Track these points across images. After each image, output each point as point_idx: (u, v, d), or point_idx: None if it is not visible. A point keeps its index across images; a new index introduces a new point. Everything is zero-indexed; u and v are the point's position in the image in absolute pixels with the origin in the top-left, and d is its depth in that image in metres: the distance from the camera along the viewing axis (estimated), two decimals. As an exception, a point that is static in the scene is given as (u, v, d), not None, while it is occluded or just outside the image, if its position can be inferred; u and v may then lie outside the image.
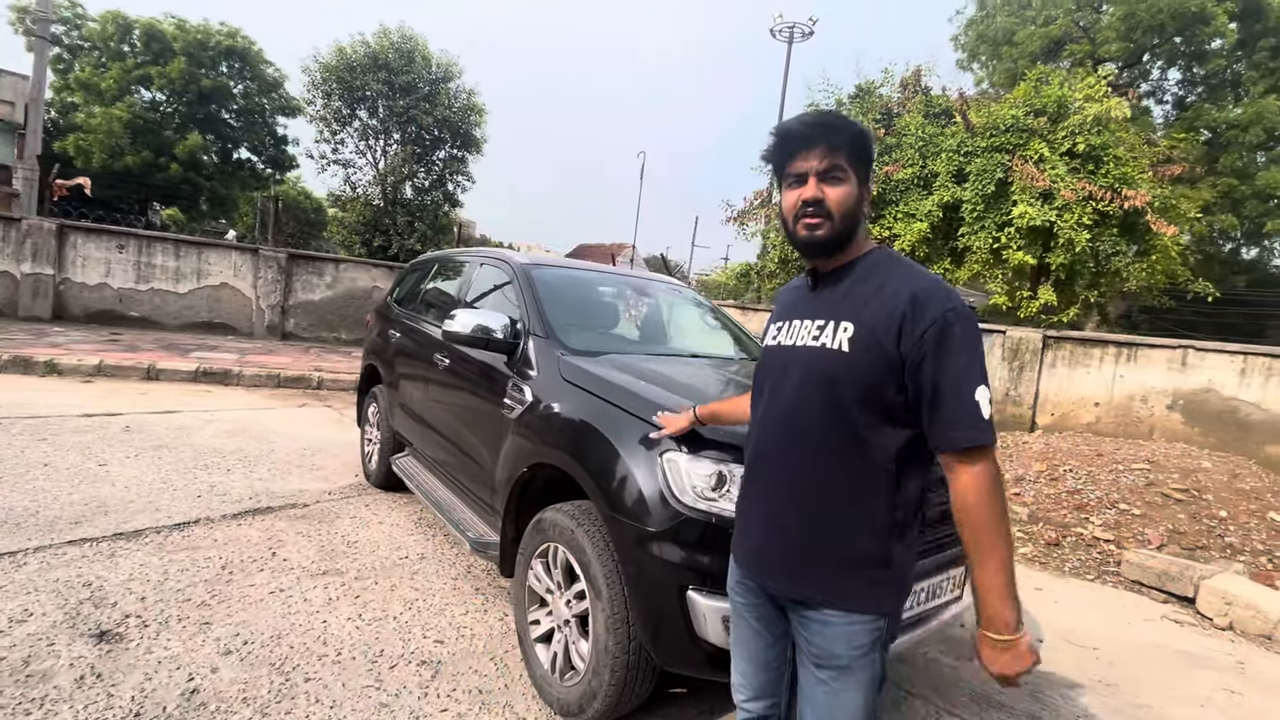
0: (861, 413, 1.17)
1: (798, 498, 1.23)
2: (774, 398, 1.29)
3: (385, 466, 4.17)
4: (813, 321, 1.24)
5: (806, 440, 1.22)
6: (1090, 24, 16.59)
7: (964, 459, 1.12)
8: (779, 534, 1.26)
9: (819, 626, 1.23)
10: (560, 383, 2.41)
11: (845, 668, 1.21)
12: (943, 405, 1.12)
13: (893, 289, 1.17)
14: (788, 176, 1.25)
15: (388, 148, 20.41)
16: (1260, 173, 14.20)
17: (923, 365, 1.12)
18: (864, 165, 1.24)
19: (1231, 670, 3.08)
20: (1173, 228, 6.60)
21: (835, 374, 1.18)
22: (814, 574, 1.23)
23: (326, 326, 11.24)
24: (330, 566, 3.12)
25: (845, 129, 1.21)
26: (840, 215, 1.21)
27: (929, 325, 1.12)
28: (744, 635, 1.41)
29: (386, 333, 4.33)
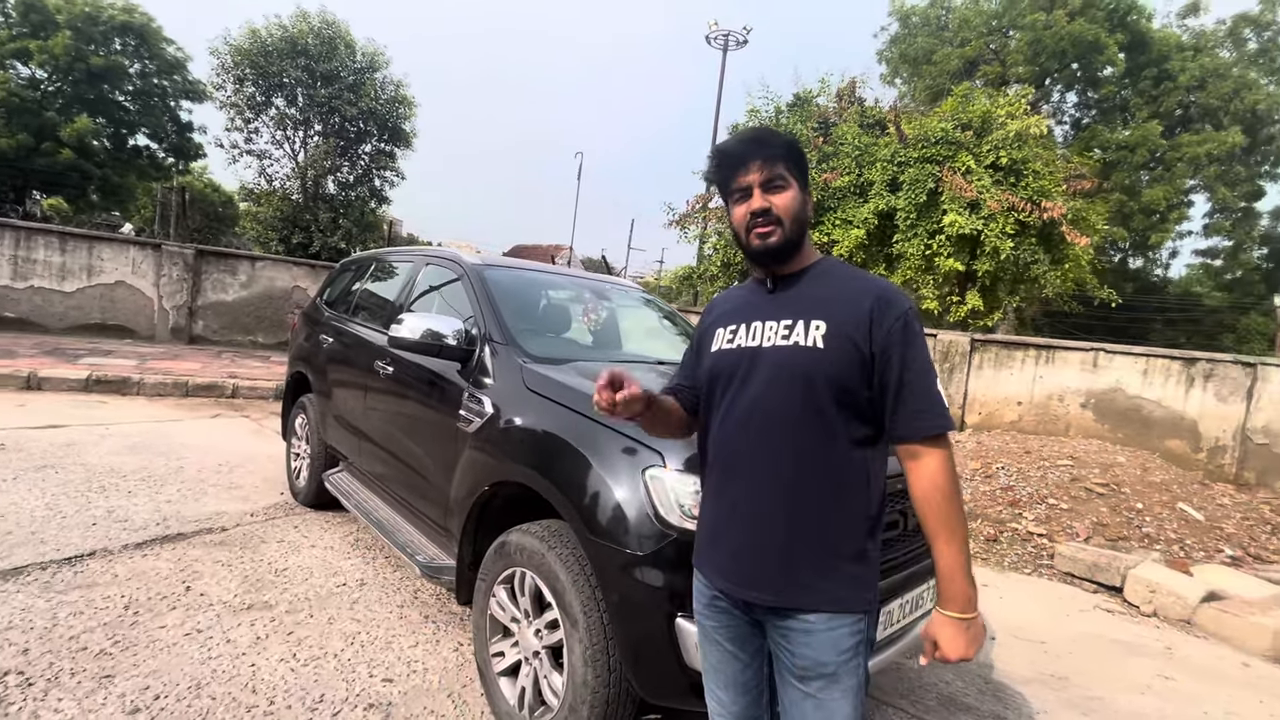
0: (836, 408, 1.19)
1: (780, 499, 1.21)
2: (738, 401, 1.27)
3: (316, 483, 3.82)
4: (778, 322, 1.25)
5: (783, 439, 1.21)
6: (1000, 47, 17.78)
7: (931, 445, 1.17)
8: (760, 538, 1.23)
9: (802, 636, 1.20)
10: (525, 393, 2.24)
11: (833, 675, 1.19)
12: (911, 396, 1.18)
13: (856, 289, 1.23)
14: (733, 193, 1.29)
15: (308, 139, 19.25)
16: (1145, 190, 15.65)
17: (891, 359, 1.17)
18: (801, 172, 1.29)
19: (1162, 656, 3.26)
20: (1085, 238, 7.11)
21: (811, 370, 1.19)
22: (800, 576, 1.20)
23: (241, 329, 10.40)
24: (256, 600, 2.79)
25: (777, 140, 1.27)
26: (789, 220, 1.25)
27: (894, 322, 1.18)
28: (718, 660, 1.35)
29: (317, 337, 3.98)
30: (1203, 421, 6.44)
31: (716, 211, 10.44)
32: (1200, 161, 15.62)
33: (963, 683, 2.76)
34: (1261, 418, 6.16)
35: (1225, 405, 6.32)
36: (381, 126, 20.43)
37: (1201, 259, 20.97)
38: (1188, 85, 16.09)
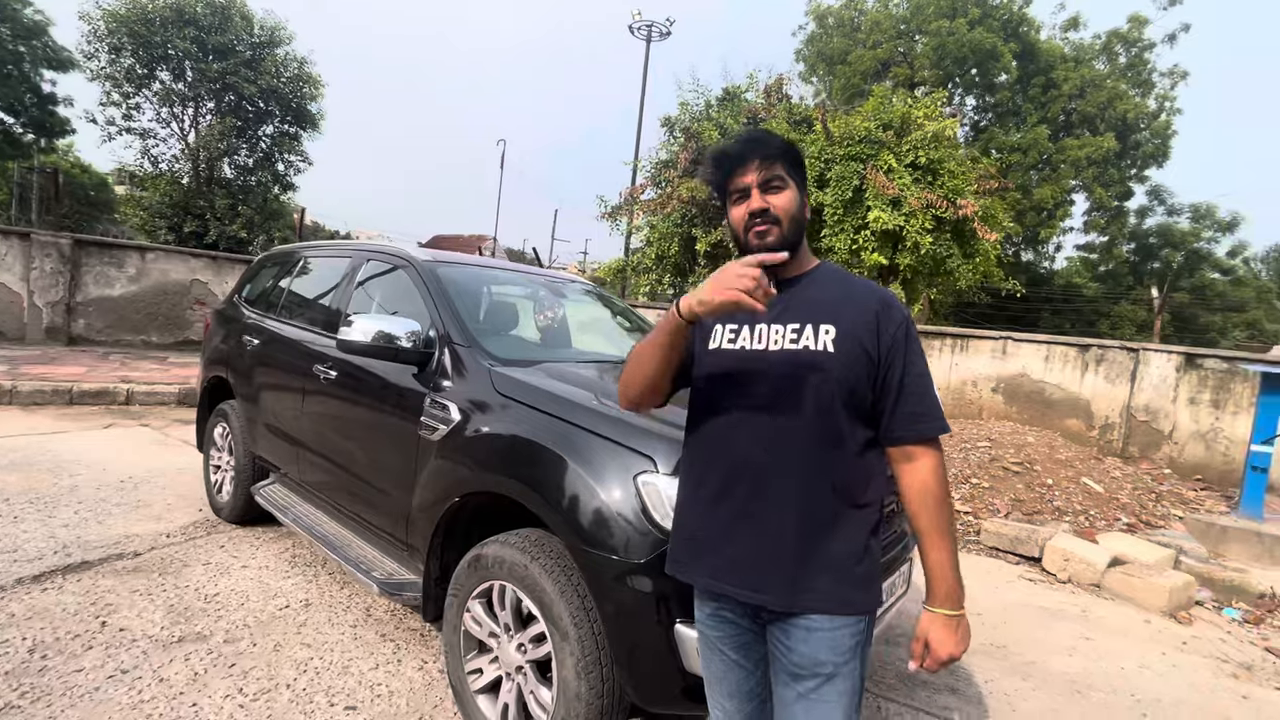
0: (845, 412, 1.21)
1: (791, 504, 1.21)
2: (745, 405, 1.25)
3: (244, 497, 3.52)
4: (784, 325, 1.24)
5: (793, 444, 1.21)
6: (909, 50, 18.78)
7: (926, 448, 1.22)
8: (771, 544, 1.21)
9: (802, 634, 1.20)
10: (496, 398, 2.13)
11: (829, 675, 1.19)
12: (912, 399, 1.22)
13: (861, 294, 1.25)
14: (731, 194, 1.29)
15: (199, 118, 17.67)
16: (1036, 189, 17.08)
17: (894, 363, 1.21)
18: (799, 174, 1.29)
19: (1080, 619, 3.58)
20: (993, 234, 7.66)
21: (822, 374, 1.20)
22: (811, 580, 1.19)
23: (130, 328, 9.41)
24: (188, 631, 2.53)
25: (774, 142, 1.27)
26: (787, 220, 1.25)
27: (898, 328, 1.22)
28: (722, 669, 1.33)
29: (240, 339, 3.64)
30: (1095, 402, 7.12)
31: (647, 204, 10.44)
32: (1080, 164, 17.23)
33: (917, 659, 2.91)
34: (1143, 397, 6.88)
35: (1113, 387, 7.01)
36: (284, 107, 19.04)
37: (1081, 253, 23.22)
38: (1070, 94, 17.67)
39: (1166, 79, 19.33)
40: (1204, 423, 6.66)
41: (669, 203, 9.63)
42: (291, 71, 18.73)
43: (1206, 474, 6.57)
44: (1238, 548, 4.87)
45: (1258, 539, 4.85)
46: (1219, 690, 2.92)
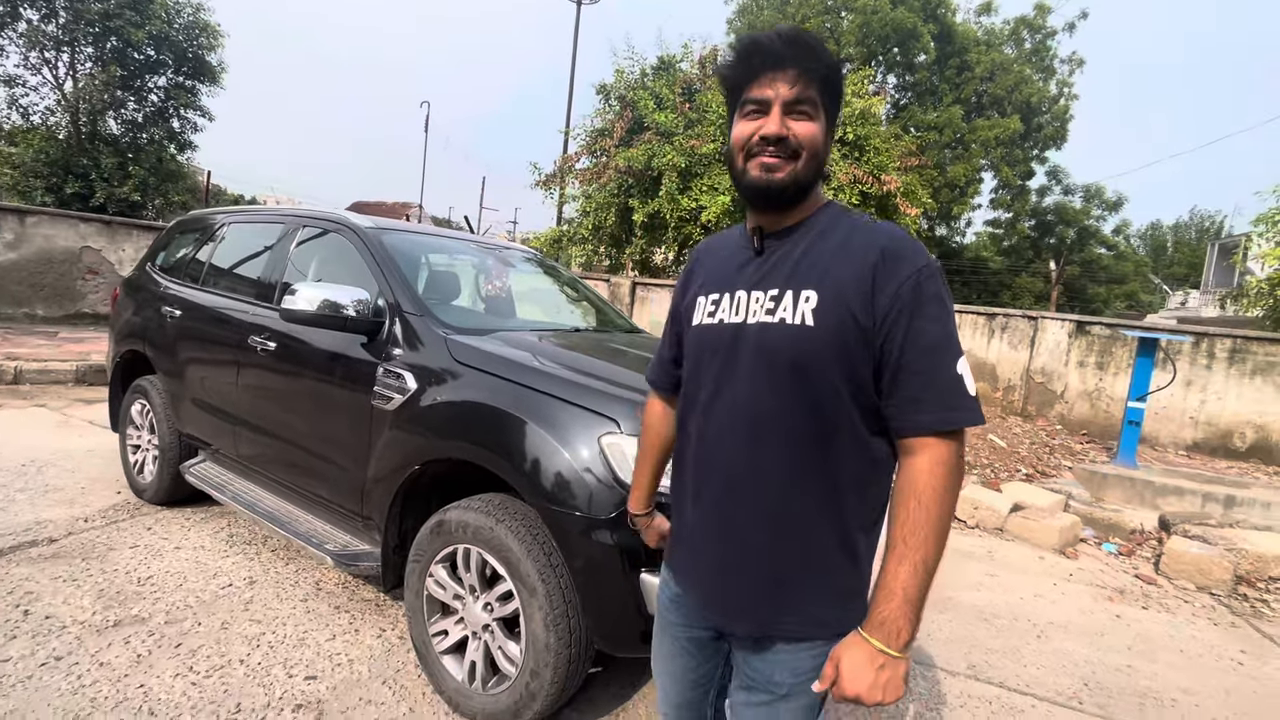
0: (832, 396, 0.96)
1: (765, 514, 1.01)
2: (720, 391, 1.05)
3: (171, 477, 3.34)
4: (764, 292, 1.01)
5: (772, 442, 0.99)
6: (835, 26, 19.19)
7: (934, 441, 0.93)
8: (741, 559, 1.04)
9: (756, 654, 1.06)
10: (455, 366, 2.14)
11: (784, 695, 1.04)
12: (915, 380, 0.93)
13: (860, 243, 0.97)
14: (746, 103, 1.00)
15: (77, 65, 15.86)
16: (950, 167, 18.06)
17: (894, 332, 0.93)
18: (835, 106, 1.04)
19: (986, 559, 3.99)
20: (914, 209, 8.11)
21: (799, 353, 0.97)
22: (785, 604, 1.02)
23: (11, 300, 8.49)
24: (123, 615, 2.43)
25: (823, 56, 0.99)
26: (807, 157, 0.99)
27: (903, 282, 0.93)
28: (671, 651, 1.22)
29: (158, 310, 3.41)
30: (1000, 365, 7.77)
31: (582, 174, 10.32)
32: (990, 144, 18.34)
33: (848, 600, 3.18)
34: (1040, 361, 7.57)
35: (1015, 352, 7.66)
36: (179, 56, 17.37)
37: (988, 228, 24.84)
38: (981, 76, 18.68)
39: (1066, 65, 20.76)
40: (1090, 383, 7.42)
41: (605, 172, 9.57)
42: (186, 18, 17.06)
43: (1091, 429, 7.35)
44: (1116, 492, 5.52)
45: (1131, 484, 5.52)
46: (1097, 611, 3.36)
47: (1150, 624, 3.27)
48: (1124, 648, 2.98)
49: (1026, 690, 2.53)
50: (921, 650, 2.76)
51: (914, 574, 0.90)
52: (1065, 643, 2.97)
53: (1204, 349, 7.04)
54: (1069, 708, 2.44)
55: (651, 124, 9.31)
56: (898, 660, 0.90)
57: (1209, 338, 7.06)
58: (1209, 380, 7.03)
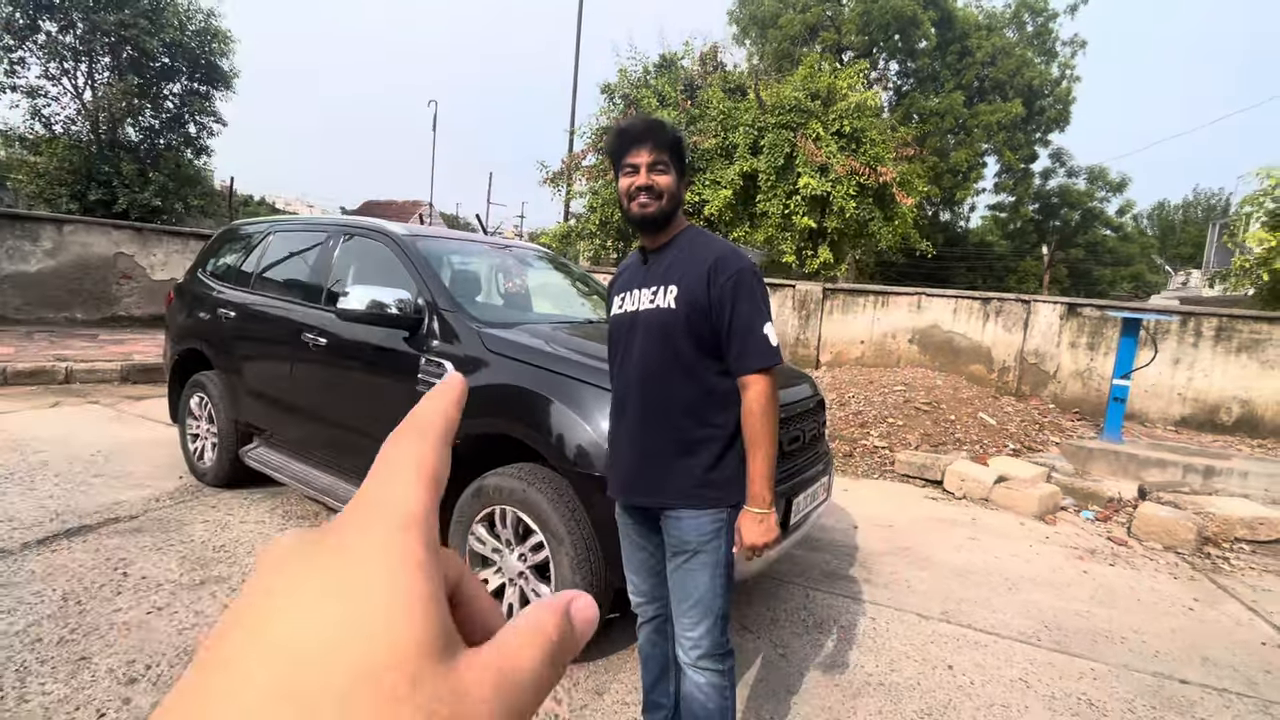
0: (690, 350, 1.52)
1: (652, 425, 1.57)
2: (627, 352, 1.62)
3: (229, 461, 3.74)
4: (648, 289, 1.57)
5: (653, 380, 1.56)
6: (836, 15, 19.30)
7: (754, 378, 1.49)
8: (639, 457, 1.59)
9: (674, 522, 1.57)
10: (488, 355, 2.50)
11: (694, 552, 1.55)
12: (736, 339, 1.49)
13: (702, 255, 1.53)
14: (624, 165, 1.54)
15: (95, 75, 16.34)
16: (953, 153, 18.19)
17: (723, 310, 1.49)
18: (680, 162, 1.58)
19: (970, 525, 4.33)
20: (910, 199, 8.37)
21: (667, 323, 1.53)
22: (670, 484, 1.55)
23: (52, 305, 8.96)
24: (207, 575, 2.83)
25: (668, 134, 1.54)
26: (667, 197, 1.54)
27: (727, 280, 1.48)
28: (629, 550, 1.74)
29: (214, 312, 3.80)
30: (995, 348, 8.05)
31: (589, 170, 10.64)
32: (992, 128, 18.43)
33: (839, 560, 3.54)
34: (1033, 343, 7.85)
35: (1010, 334, 7.94)
36: (192, 63, 17.81)
37: (992, 212, 24.89)
38: (983, 61, 18.74)
39: (1068, 48, 20.75)
40: (1081, 363, 7.69)
41: (611, 169, 9.88)
42: (198, 24, 17.48)
43: (1083, 407, 7.64)
44: (1100, 465, 5.83)
45: (1115, 457, 5.82)
46: (1066, 568, 3.70)
47: (1114, 578, 3.60)
48: (1086, 597, 3.32)
49: (991, 630, 2.88)
50: (900, 599, 3.11)
51: (765, 462, 1.49)
52: (1033, 594, 3.31)
53: (1191, 328, 7.29)
54: (1027, 643, 2.79)
55: (654, 121, 9.60)
56: (768, 514, 1.50)
57: (1196, 317, 7.31)
58: (1196, 358, 7.29)
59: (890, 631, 2.81)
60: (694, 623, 1.57)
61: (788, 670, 2.45)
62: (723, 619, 1.58)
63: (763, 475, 1.49)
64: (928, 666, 2.55)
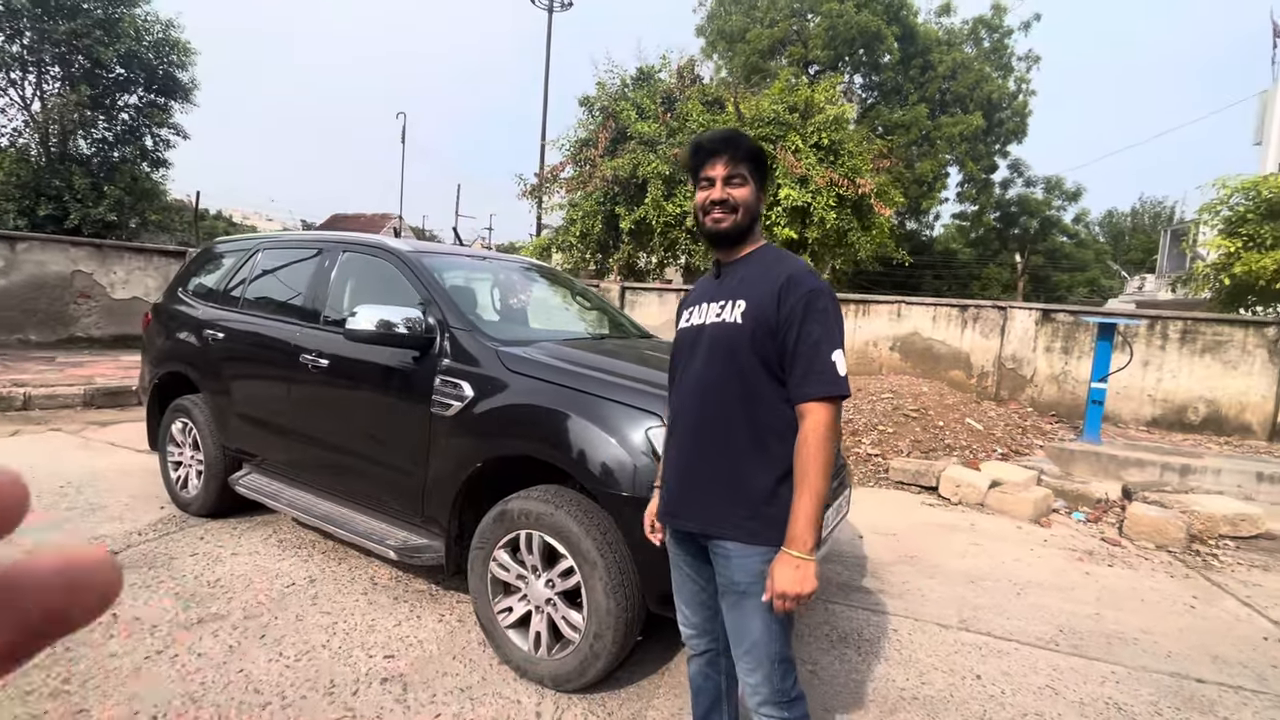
0: (758, 372, 1.42)
1: (705, 447, 1.46)
2: (688, 367, 1.53)
3: (217, 490, 3.56)
4: (716, 303, 1.50)
5: (712, 397, 1.46)
6: (802, 30, 19.73)
7: (813, 406, 1.36)
8: (690, 479, 1.49)
9: (723, 559, 1.45)
10: (508, 375, 2.43)
11: (744, 593, 1.42)
12: (799, 363, 1.37)
13: (775, 272, 1.44)
14: (700, 179, 1.50)
15: (44, 85, 15.72)
16: (918, 164, 18.70)
17: (790, 331, 1.38)
18: (760, 174, 1.51)
19: (969, 531, 4.39)
20: (887, 209, 8.55)
21: (733, 340, 1.43)
22: (717, 512, 1.44)
23: (4, 327, 8.49)
24: (205, 614, 2.67)
25: (745, 145, 1.48)
26: (743, 211, 1.47)
27: (797, 300, 1.39)
28: (680, 581, 1.64)
29: (199, 333, 3.63)
30: (973, 354, 8.24)
31: (569, 182, 10.61)
32: (954, 140, 19.02)
33: (850, 571, 3.53)
34: (1010, 348, 8.06)
35: (987, 340, 8.14)
36: (149, 74, 17.26)
37: (955, 221, 25.64)
38: (944, 75, 19.35)
39: (1023, 63, 21.59)
40: (1056, 367, 7.92)
41: (590, 181, 9.87)
42: (155, 35, 16.96)
43: (1059, 409, 7.86)
44: (1083, 466, 5.99)
45: (1097, 458, 5.99)
46: (1069, 571, 3.76)
47: (1115, 579, 3.68)
48: (1093, 599, 3.37)
49: (1010, 637, 2.90)
50: (916, 609, 3.12)
51: (810, 500, 1.33)
52: (1042, 598, 3.35)
53: (1159, 331, 7.58)
54: (1047, 649, 2.82)
55: (634, 134, 9.63)
56: (807, 561, 1.31)
57: (1163, 320, 7.61)
58: (1164, 360, 7.57)
59: (914, 643, 2.80)
60: (750, 668, 1.47)
61: (822, 688, 2.42)
62: (782, 663, 1.46)
63: (807, 515, 1.32)
64: (957, 677, 2.54)
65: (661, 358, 2.91)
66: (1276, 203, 7.35)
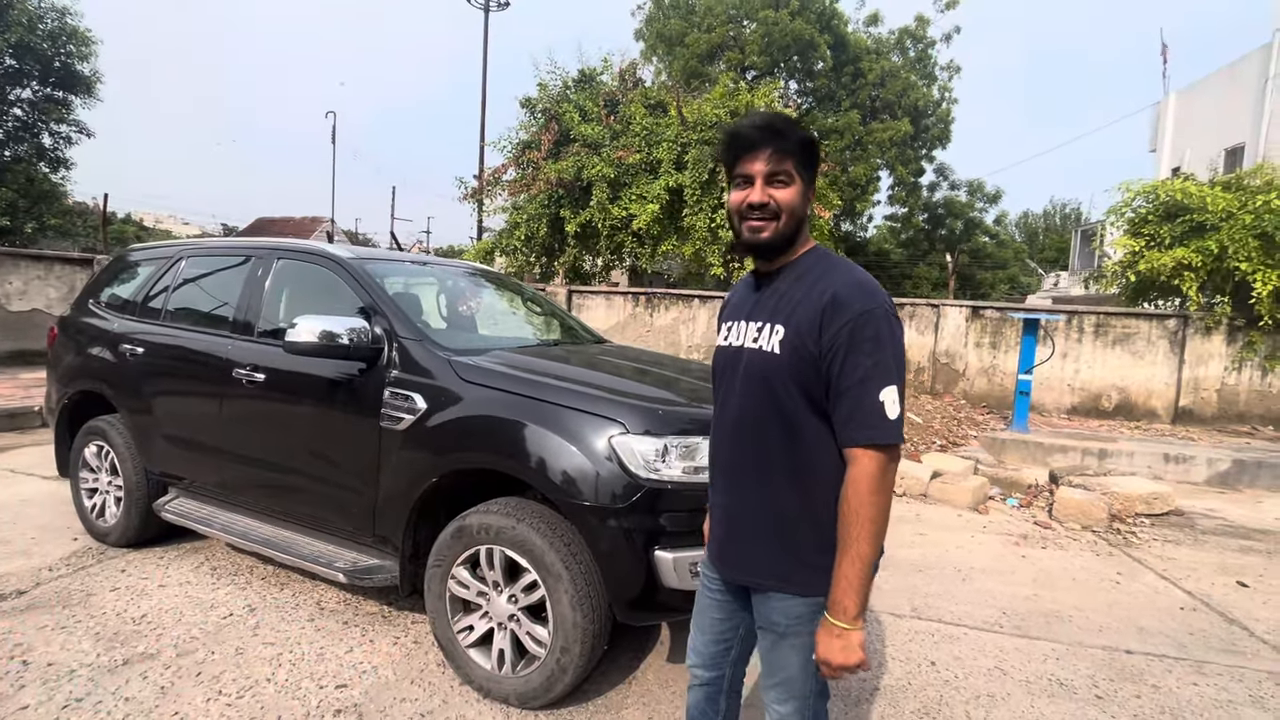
0: (797, 406, 1.21)
1: (745, 491, 1.30)
2: (726, 398, 1.34)
3: (141, 516, 3.30)
4: (753, 323, 1.28)
5: (750, 439, 1.28)
6: (739, 35, 20.13)
7: (860, 453, 1.14)
8: (732, 528, 1.34)
9: (762, 599, 1.32)
10: (462, 385, 2.34)
11: (783, 634, 1.29)
12: (846, 402, 1.15)
13: (819, 289, 1.20)
14: (736, 177, 1.25)
15: (-79, 76, 14.33)
16: (851, 168, 19.40)
17: (833, 363, 1.16)
18: (811, 169, 1.25)
19: (915, 521, 4.56)
20: (826, 211, 8.82)
21: (769, 374, 1.22)
22: (761, 563, 1.29)
23: (-123, 344, 7.60)
24: (130, 654, 2.46)
25: (793, 135, 1.21)
26: (786, 217, 1.22)
27: (842, 326, 1.15)
28: (704, 606, 1.48)
29: (115, 348, 3.35)
30: (910, 350, 8.58)
31: (512, 185, 10.43)
32: (884, 145, 19.84)
33: (807, 567, 3.61)
34: (944, 344, 8.45)
35: (923, 337, 8.51)
36: (45, 66, 15.98)
37: (887, 222, 26.75)
38: (874, 82, 20.15)
39: (945, 72, 22.74)
40: (986, 361, 8.37)
41: (534, 184, 9.74)
42: (50, 24, 15.68)
43: (989, 401, 8.30)
44: (1014, 454, 6.34)
45: (1025, 446, 6.35)
46: (1007, 555, 3.97)
47: (1048, 561, 3.90)
48: (1030, 581, 3.57)
49: (959, 622, 3.03)
50: (873, 600, 3.21)
51: (852, 565, 1.14)
52: (985, 583, 3.52)
53: (1075, 325, 8.12)
54: (993, 631, 2.96)
55: (578, 136, 9.57)
56: (850, 631, 1.14)
57: (1078, 315, 8.16)
58: (1080, 352, 8.12)
59: (871, 634, 2.88)
60: (780, 699, 1.35)
61: (787, 686, 2.44)
62: (817, 697, 1.35)
63: (850, 580, 1.14)
64: (913, 665, 2.63)
65: (616, 363, 2.90)
66: (1173, 205, 8.02)
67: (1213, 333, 7.81)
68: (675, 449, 2.10)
